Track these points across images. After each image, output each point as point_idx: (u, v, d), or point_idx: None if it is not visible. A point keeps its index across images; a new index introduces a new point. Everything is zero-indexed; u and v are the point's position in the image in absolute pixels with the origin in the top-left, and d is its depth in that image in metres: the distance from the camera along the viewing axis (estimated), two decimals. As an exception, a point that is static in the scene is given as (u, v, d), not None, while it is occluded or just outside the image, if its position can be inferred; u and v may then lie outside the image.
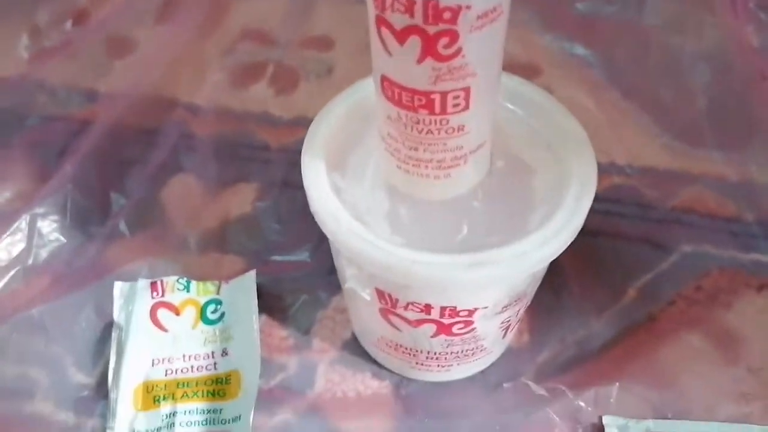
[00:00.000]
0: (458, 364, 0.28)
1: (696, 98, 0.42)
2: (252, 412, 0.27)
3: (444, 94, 0.18)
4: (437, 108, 0.19)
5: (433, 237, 0.22)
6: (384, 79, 0.19)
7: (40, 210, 0.35)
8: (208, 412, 0.28)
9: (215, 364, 0.29)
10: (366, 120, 0.25)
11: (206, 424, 0.27)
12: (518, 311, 0.26)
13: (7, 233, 0.34)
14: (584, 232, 0.36)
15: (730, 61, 0.43)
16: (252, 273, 0.31)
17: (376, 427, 0.28)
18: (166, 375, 0.29)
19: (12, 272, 0.33)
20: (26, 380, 0.30)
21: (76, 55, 0.45)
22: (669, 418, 0.28)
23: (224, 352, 0.29)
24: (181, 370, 0.29)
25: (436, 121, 0.19)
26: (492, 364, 0.30)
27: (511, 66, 0.45)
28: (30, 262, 0.33)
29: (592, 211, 0.37)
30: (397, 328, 0.25)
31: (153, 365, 0.29)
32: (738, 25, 0.46)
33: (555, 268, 0.34)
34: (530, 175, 0.24)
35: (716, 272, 0.34)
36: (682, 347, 0.31)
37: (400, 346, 0.27)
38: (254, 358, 0.29)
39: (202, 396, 0.28)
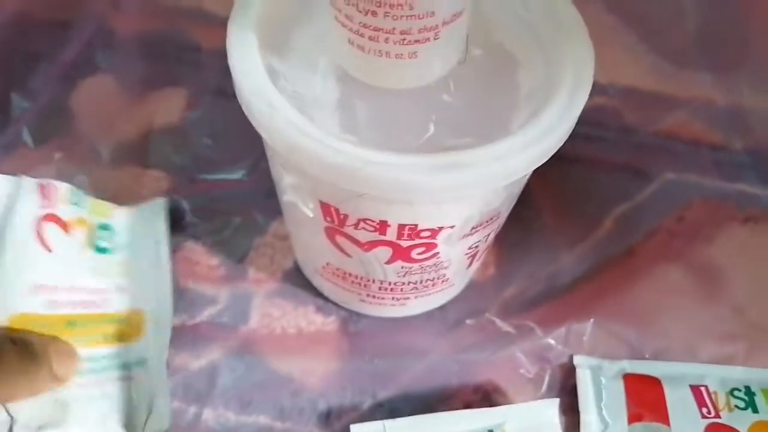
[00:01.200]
0: (416, 297, 0.24)
1: (686, 16, 0.38)
2: (164, 355, 0.23)
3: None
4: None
5: (393, 136, 0.18)
6: None
7: None
8: (103, 359, 0.22)
9: (108, 300, 0.23)
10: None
11: (101, 371, 0.22)
12: (488, 236, 0.22)
13: None
14: (560, 157, 0.32)
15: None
16: (161, 201, 0.26)
17: (318, 368, 0.25)
18: (49, 308, 0.22)
19: None
20: None
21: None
22: (646, 359, 0.26)
23: (120, 288, 0.24)
24: (70, 303, 0.23)
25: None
26: (452, 299, 0.27)
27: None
28: None
29: (571, 134, 0.33)
30: (346, 253, 0.21)
31: (33, 293, 0.22)
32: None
33: (525, 195, 0.31)
34: (514, 66, 0.19)
35: (699, 202, 0.31)
36: (662, 283, 0.28)
37: (349, 274, 0.23)
38: (163, 296, 0.24)
39: (96, 341, 0.22)
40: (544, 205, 0.30)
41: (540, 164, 0.17)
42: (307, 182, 0.19)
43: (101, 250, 0.24)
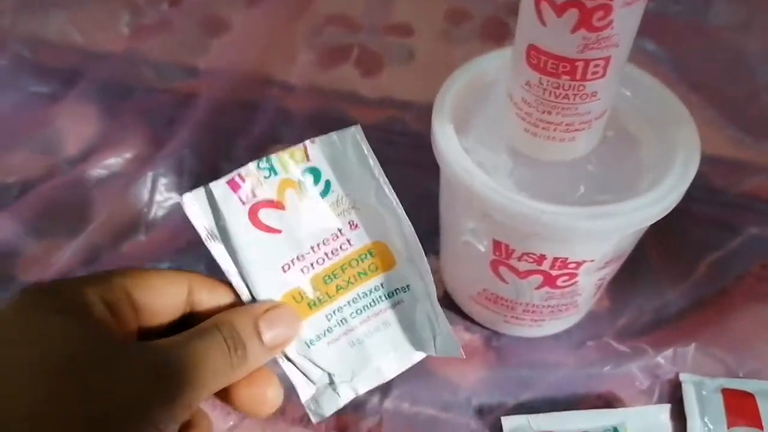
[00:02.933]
0: (550, 320, 0.31)
1: (760, 94, 0.44)
2: (428, 281, 0.23)
3: (587, 62, 0.21)
4: (579, 74, 0.21)
5: (554, 194, 0.25)
6: (531, 48, 0.22)
7: (160, 170, 0.38)
8: (370, 292, 0.24)
9: (349, 240, 0.23)
10: (483, 90, 0.28)
11: (374, 304, 0.24)
12: (614, 269, 0.29)
13: (131, 190, 0.37)
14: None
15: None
16: (354, 129, 0.23)
17: (471, 375, 0.31)
18: (304, 274, 0.23)
19: (135, 227, 0.36)
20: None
21: (174, 33, 0.49)
22: (741, 377, 0.31)
23: (352, 224, 0.23)
24: (317, 262, 0.23)
25: (574, 86, 0.22)
26: (575, 325, 0.33)
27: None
28: (150, 217, 0.37)
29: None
30: (504, 280, 0.28)
31: (285, 271, 0.23)
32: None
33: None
34: (637, 145, 0.26)
35: (781, 252, 0.36)
36: (754, 317, 0.33)
37: (501, 298, 0.30)
38: (394, 218, 0.23)
39: (355, 280, 0.24)
40: (650, 251, 0.36)
41: (654, 221, 0.24)
42: (484, 227, 0.26)
43: (317, 196, 0.23)
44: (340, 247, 0.23)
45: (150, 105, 0.43)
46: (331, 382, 0.23)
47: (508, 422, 0.29)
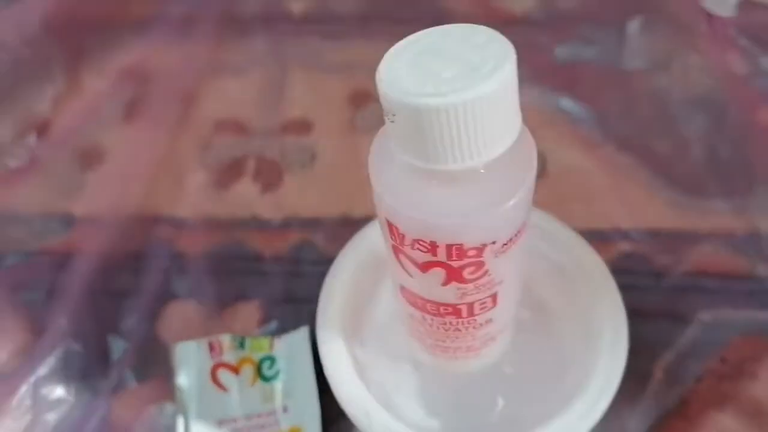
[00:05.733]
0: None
1: (692, 147, 0.41)
2: None
3: (470, 304, 0.17)
4: (465, 314, 0.17)
5: (470, 415, 0.21)
6: (403, 289, 0.17)
7: (41, 372, 0.33)
8: None
9: (278, 421, 0.30)
10: (377, 269, 0.23)
11: None
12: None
13: (12, 402, 0.32)
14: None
15: (720, 100, 0.43)
16: (304, 328, 0.31)
17: None
18: None
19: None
20: None
21: (46, 173, 0.43)
22: None
23: (285, 408, 0.30)
24: (247, 430, 0.30)
25: (463, 321, 0.18)
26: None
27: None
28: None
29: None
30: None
31: (219, 426, 0.30)
32: (721, 55, 0.45)
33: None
34: (558, 323, 0.23)
35: (738, 340, 0.33)
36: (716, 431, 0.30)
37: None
38: (314, 413, 0.29)
39: None
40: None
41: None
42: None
43: (266, 379, 0.31)
44: (267, 424, 0.30)
45: (25, 275, 0.38)
46: None
47: None
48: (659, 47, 0.46)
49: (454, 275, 0.15)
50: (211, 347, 0.32)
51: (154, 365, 0.34)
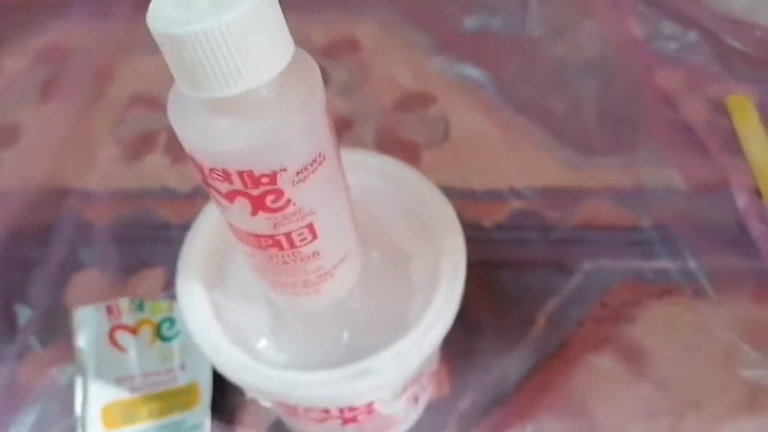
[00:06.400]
0: (379, 434, 0.28)
1: (585, 108, 0.43)
2: (209, 418, 0.30)
3: (288, 234, 0.18)
4: (285, 245, 0.19)
5: (317, 348, 0.22)
6: (230, 225, 0.19)
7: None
8: (174, 424, 0.30)
9: (175, 377, 0.32)
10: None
11: None
12: (422, 384, 0.26)
13: None
14: (490, 266, 0.37)
15: (614, 65, 0.45)
16: None
17: None
18: (131, 393, 0.31)
19: None
20: None
21: (-42, 152, 0.43)
22: (581, 447, 0.30)
23: (183, 366, 0.32)
24: (145, 387, 0.31)
25: (288, 254, 0.19)
26: (417, 423, 0.31)
27: (405, 97, 0.45)
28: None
29: (497, 242, 0.38)
30: (308, 425, 0.25)
31: (117, 384, 0.31)
32: (620, 21, 0.47)
33: (464, 307, 0.35)
34: (407, 261, 0.24)
35: (618, 286, 0.35)
36: (592, 371, 0.32)
37: (315, 434, 0.27)
38: (207, 367, 0.31)
39: (166, 411, 0.31)
40: (482, 314, 0.35)
41: (431, 355, 0.22)
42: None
43: (165, 339, 0.32)
44: (165, 381, 0.31)
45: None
46: None
47: None
48: (558, 15, 0.47)
49: (258, 204, 0.17)
50: (109, 310, 0.33)
51: (58, 331, 0.34)
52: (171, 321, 0.33)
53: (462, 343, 0.33)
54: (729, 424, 0.30)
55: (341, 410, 0.23)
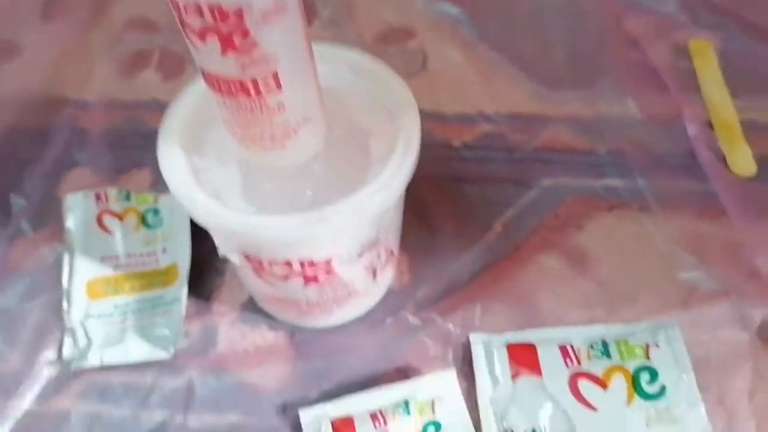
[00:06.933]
0: (338, 308, 0.31)
1: (556, 48, 0.46)
2: (185, 293, 0.33)
3: (254, 80, 0.21)
4: (252, 92, 0.21)
5: (283, 204, 0.25)
6: (202, 70, 0.22)
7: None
8: (153, 298, 0.34)
9: (157, 259, 0.35)
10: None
11: (151, 308, 0.33)
12: (379, 254, 0.29)
13: None
14: (455, 178, 0.40)
15: (586, 11, 0.47)
16: None
17: (273, 373, 0.32)
18: (114, 270, 0.34)
19: None
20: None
21: (-38, 62, 0.46)
22: (524, 329, 0.33)
23: (164, 250, 0.35)
24: (128, 266, 0.34)
25: (255, 102, 0.22)
26: (378, 304, 0.34)
27: (386, 31, 0.48)
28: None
29: (463, 159, 0.41)
30: (273, 285, 0.28)
31: (101, 262, 0.34)
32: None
33: (429, 212, 0.38)
34: (367, 137, 0.27)
35: (571, 200, 0.38)
36: (540, 269, 0.35)
37: (282, 299, 0.30)
38: (186, 252, 0.34)
39: (147, 287, 0.34)
40: (444, 219, 0.38)
41: (381, 212, 0.24)
42: (231, 243, 0.26)
43: (149, 226, 0.35)
44: (148, 262, 0.35)
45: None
46: (88, 348, 0.32)
47: (305, 415, 0.30)
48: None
49: (226, 43, 0.19)
50: (98, 197, 0.35)
51: (50, 218, 0.37)
52: (155, 211, 0.36)
53: (424, 243, 0.36)
54: (662, 317, 0.33)
55: (302, 265, 0.26)
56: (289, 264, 0.26)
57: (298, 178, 0.26)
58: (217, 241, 0.27)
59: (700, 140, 0.40)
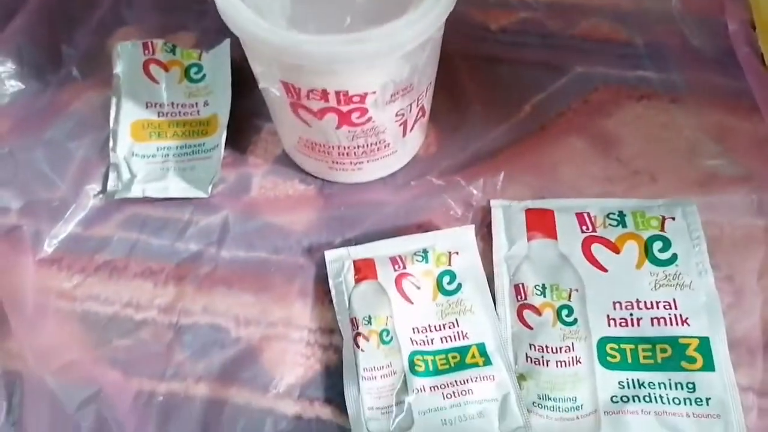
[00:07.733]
0: (368, 161, 0.33)
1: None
2: (223, 141, 0.35)
3: None
4: None
5: (323, 28, 0.26)
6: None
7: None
8: (194, 145, 0.36)
9: (198, 111, 0.37)
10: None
11: (191, 154, 0.36)
12: (410, 106, 0.30)
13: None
14: (488, 59, 0.40)
15: None
16: (226, 41, 0.37)
17: (301, 219, 0.34)
18: (158, 116, 0.36)
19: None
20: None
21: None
22: (544, 198, 0.34)
23: (206, 103, 0.37)
24: (171, 114, 0.36)
25: None
26: (402, 169, 0.35)
27: None
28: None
29: (499, 42, 0.42)
30: (307, 123, 0.30)
31: (146, 107, 0.36)
32: None
33: (461, 90, 0.39)
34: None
35: (603, 88, 0.39)
36: (564, 147, 0.36)
37: (314, 143, 0.32)
38: (226, 105, 0.36)
39: (188, 135, 0.36)
40: (475, 97, 0.38)
41: (419, 43, 0.25)
42: (272, 71, 0.27)
43: (192, 81, 0.37)
44: (191, 113, 0.37)
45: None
46: (131, 181, 0.34)
47: (330, 255, 0.32)
48: None
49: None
50: (145, 46, 0.37)
51: (98, 69, 0.39)
52: (199, 66, 0.37)
53: (453, 118, 0.37)
54: (678, 196, 0.34)
55: (338, 96, 0.27)
56: (325, 95, 0.27)
57: (341, 7, 0.26)
58: (258, 69, 0.28)
59: (740, 37, 0.40)
